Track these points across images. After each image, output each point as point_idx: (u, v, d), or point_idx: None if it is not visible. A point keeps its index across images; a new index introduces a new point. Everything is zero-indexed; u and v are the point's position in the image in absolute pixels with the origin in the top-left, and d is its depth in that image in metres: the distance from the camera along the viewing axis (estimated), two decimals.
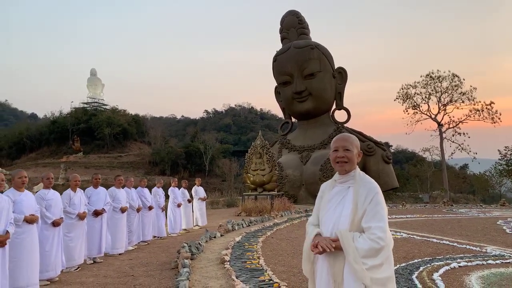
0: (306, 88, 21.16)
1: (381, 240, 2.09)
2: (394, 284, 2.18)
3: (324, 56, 21.56)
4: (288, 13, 23.13)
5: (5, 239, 4.31)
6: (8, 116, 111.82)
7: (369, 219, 2.15)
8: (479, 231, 9.46)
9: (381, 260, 2.11)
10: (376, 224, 2.12)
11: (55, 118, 71.95)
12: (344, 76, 22.61)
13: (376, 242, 2.09)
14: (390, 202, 26.10)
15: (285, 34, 22.84)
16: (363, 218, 2.16)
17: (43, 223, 5.53)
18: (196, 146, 58.21)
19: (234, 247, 7.10)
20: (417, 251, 6.73)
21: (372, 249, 2.08)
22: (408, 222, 11.72)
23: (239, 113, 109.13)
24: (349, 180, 2.32)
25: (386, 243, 2.11)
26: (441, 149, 34.80)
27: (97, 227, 7.04)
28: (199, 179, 13.14)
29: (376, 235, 2.09)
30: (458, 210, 17.02)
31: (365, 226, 2.15)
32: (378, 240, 2.09)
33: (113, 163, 58.76)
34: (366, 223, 2.15)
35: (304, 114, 22.15)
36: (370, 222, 2.14)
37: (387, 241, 2.12)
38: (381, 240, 2.09)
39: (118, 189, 7.98)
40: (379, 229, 2.11)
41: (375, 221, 2.13)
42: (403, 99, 35.41)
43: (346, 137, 2.38)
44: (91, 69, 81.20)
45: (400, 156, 79.67)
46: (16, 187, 5.03)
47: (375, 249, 2.08)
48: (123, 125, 65.35)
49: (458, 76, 33.67)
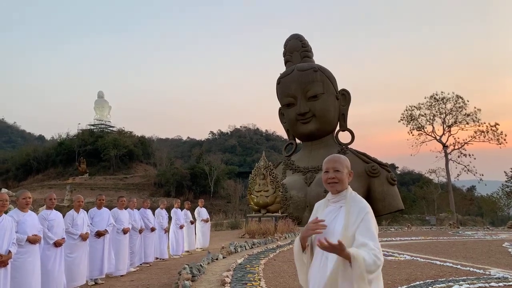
0: (310, 109, 21.33)
1: (378, 260, 2.16)
2: None
3: (327, 78, 21.81)
4: (292, 37, 23.55)
5: (7, 259, 4.37)
6: (16, 138, 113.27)
7: (364, 236, 2.20)
8: (484, 254, 9.35)
9: (375, 277, 2.18)
10: (373, 243, 2.18)
11: (62, 140, 72.78)
12: (348, 97, 22.79)
13: (378, 258, 2.15)
14: (396, 224, 25.87)
15: (289, 57, 23.20)
16: (357, 234, 2.22)
17: (45, 243, 5.59)
18: (201, 167, 58.30)
19: (235, 269, 7.08)
20: (420, 273, 6.67)
21: (374, 264, 2.13)
22: (412, 244, 11.60)
23: (244, 134, 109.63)
24: (341, 200, 2.41)
25: (381, 262, 2.18)
26: (446, 170, 34.55)
27: (99, 248, 7.07)
28: (202, 200, 13.14)
29: (375, 252, 2.15)
30: (464, 232, 16.81)
31: (361, 241, 2.19)
32: (378, 257, 2.15)
33: (119, 185, 58.91)
34: (362, 238, 2.20)
35: (308, 135, 22.25)
36: (365, 239, 2.19)
37: (382, 260, 2.20)
38: (378, 259, 2.16)
39: (120, 210, 8.05)
40: (376, 249, 2.17)
41: (368, 238, 2.19)
42: (408, 121, 35.44)
43: (336, 158, 2.47)
44: (98, 91, 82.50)
45: (407, 178, 79.13)
46: (20, 207, 5.12)
47: (377, 265, 2.15)
48: (129, 147, 65.82)
49: (462, 98, 33.78)
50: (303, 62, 22.39)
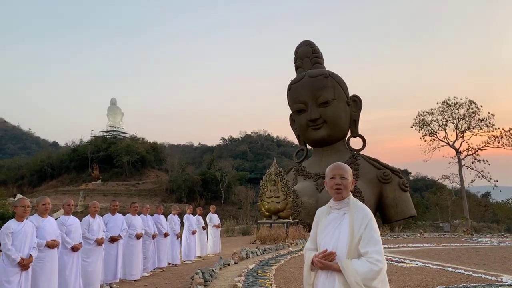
0: (321, 115, 21.35)
1: (379, 262, 2.26)
2: None
3: (338, 84, 21.83)
4: (303, 43, 23.66)
5: (28, 263, 4.55)
6: (30, 144, 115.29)
7: (365, 244, 2.32)
8: (497, 260, 9.28)
9: (380, 282, 2.27)
10: (373, 248, 2.29)
11: (76, 147, 73.94)
12: (359, 103, 22.76)
13: (375, 264, 2.25)
14: (409, 230, 25.63)
15: (300, 64, 23.28)
16: (360, 244, 2.33)
17: (63, 248, 5.76)
18: (213, 173, 58.53)
19: (247, 275, 7.17)
20: (431, 280, 6.67)
21: (371, 271, 2.24)
22: (424, 251, 11.54)
23: (255, 140, 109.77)
24: (344, 206, 2.50)
25: (383, 265, 2.27)
26: (460, 176, 34.10)
27: (113, 253, 7.23)
28: (213, 206, 13.28)
29: (374, 258, 2.26)
30: (478, 239, 16.62)
31: (363, 251, 2.31)
32: (377, 262, 2.25)
33: (131, 191, 59.47)
34: (363, 248, 2.32)
35: (319, 141, 22.25)
36: (366, 247, 2.31)
37: (384, 263, 2.28)
38: (379, 262, 2.26)
39: (133, 216, 8.20)
40: (375, 252, 2.28)
41: (371, 245, 2.30)
42: (420, 126, 35.17)
43: (342, 166, 2.58)
44: (111, 98, 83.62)
45: (420, 184, 78.27)
46: (39, 213, 5.30)
47: (374, 271, 2.24)
48: (142, 153, 66.47)
49: (475, 103, 33.42)
50: (314, 68, 22.47)
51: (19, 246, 4.58)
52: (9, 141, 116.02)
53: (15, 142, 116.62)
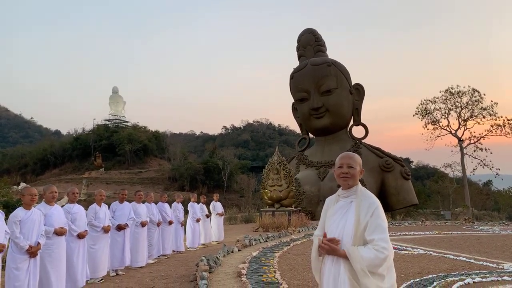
0: (323, 104, 21.32)
1: (385, 250, 2.31)
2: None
3: (341, 72, 21.74)
4: (305, 31, 23.51)
5: (37, 250, 4.63)
6: (33, 133, 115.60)
7: (372, 232, 2.36)
8: (498, 248, 9.36)
9: (385, 269, 2.32)
10: (379, 236, 2.33)
11: (78, 135, 74.05)
12: (361, 92, 22.70)
13: (381, 252, 2.29)
14: (410, 218, 25.74)
15: (302, 52, 23.17)
16: (366, 231, 2.37)
17: (69, 235, 5.85)
18: (215, 162, 58.73)
19: (251, 261, 7.26)
20: (433, 267, 6.75)
21: (377, 258, 2.28)
22: (426, 239, 11.63)
23: (257, 129, 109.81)
24: (351, 195, 2.54)
25: (389, 252, 2.31)
26: (462, 165, 34.14)
27: (119, 241, 7.33)
28: (217, 195, 13.36)
29: (380, 246, 2.30)
30: (479, 227, 16.71)
31: (369, 239, 2.35)
32: (383, 250, 2.30)
33: (134, 179, 59.78)
34: (369, 235, 2.36)
35: (321, 130, 22.26)
36: (372, 234, 2.35)
37: (390, 250, 2.32)
38: (385, 249, 2.31)
39: (138, 204, 8.28)
40: (382, 240, 2.32)
41: (377, 233, 2.34)
42: (422, 115, 35.08)
43: (351, 155, 2.61)
44: (113, 87, 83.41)
45: (421, 172, 78.40)
46: (47, 201, 5.37)
47: (380, 259, 2.29)
48: (144, 142, 66.56)
49: (478, 91, 33.24)
50: (317, 56, 22.36)
51: (27, 234, 4.66)
52: (11, 130, 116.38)
53: (18, 131, 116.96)
